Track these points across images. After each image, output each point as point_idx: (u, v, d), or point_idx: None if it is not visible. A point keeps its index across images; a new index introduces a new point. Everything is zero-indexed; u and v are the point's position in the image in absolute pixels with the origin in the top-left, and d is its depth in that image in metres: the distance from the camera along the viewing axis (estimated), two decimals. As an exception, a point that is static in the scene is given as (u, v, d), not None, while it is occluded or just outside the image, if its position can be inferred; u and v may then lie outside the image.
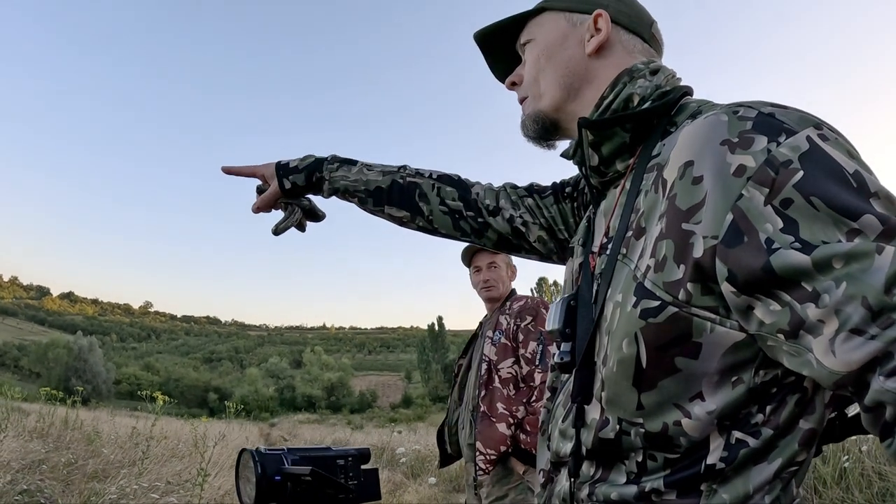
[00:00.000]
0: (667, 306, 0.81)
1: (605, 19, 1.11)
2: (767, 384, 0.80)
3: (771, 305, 0.71)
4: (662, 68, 1.09)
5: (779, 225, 0.70)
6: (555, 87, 1.16)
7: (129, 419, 17.11)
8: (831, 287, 0.65)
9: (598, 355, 0.95)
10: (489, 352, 3.29)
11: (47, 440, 7.34)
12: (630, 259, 0.91)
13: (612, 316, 0.90)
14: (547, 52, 1.18)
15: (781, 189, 0.71)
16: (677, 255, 0.80)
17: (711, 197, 0.76)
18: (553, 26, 1.19)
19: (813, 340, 0.68)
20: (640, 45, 1.15)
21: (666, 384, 0.83)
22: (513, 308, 3.35)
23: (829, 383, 0.68)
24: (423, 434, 19.55)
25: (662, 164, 0.89)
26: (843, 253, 0.65)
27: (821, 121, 0.78)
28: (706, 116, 0.84)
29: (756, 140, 0.75)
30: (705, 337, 0.79)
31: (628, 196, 0.97)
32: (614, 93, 1.06)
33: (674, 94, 1.03)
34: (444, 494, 8.03)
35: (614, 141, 1.04)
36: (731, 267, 0.73)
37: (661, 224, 0.84)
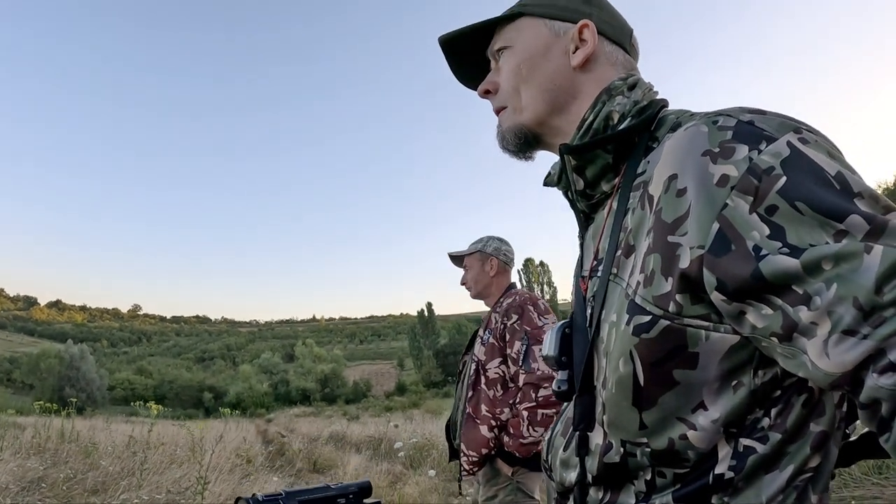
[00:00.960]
0: (658, 320, 0.81)
1: (591, 31, 1.09)
2: (768, 385, 0.79)
3: (763, 310, 0.72)
4: (640, 82, 1.07)
5: (765, 232, 0.71)
6: (538, 101, 1.12)
7: (126, 425, 17.06)
8: (822, 289, 0.66)
9: (597, 379, 0.94)
10: (479, 352, 3.24)
11: (45, 456, 7.34)
12: (621, 278, 0.91)
13: (608, 337, 0.90)
14: (529, 62, 1.13)
15: (766, 196, 0.71)
16: (665, 268, 0.80)
17: (696, 208, 0.77)
18: (534, 34, 1.13)
19: (807, 342, 0.68)
20: (621, 56, 1.13)
21: (666, 399, 0.83)
22: (502, 305, 3.26)
23: (824, 384, 0.69)
24: (419, 422, 19.59)
25: (647, 181, 0.89)
26: (832, 254, 0.66)
27: (800, 124, 0.79)
28: (686, 128, 0.84)
29: (737, 149, 0.76)
30: (701, 346, 0.79)
31: (616, 216, 0.97)
32: (594, 112, 1.04)
33: (652, 109, 1.02)
34: (444, 484, 8.08)
35: (597, 163, 1.03)
36: (720, 276, 0.73)
37: (648, 239, 0.84)
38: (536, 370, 2.92)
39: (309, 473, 10.14)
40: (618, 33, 1.14)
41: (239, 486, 6.66)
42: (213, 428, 19.58)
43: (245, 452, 10.03)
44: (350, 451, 13.06)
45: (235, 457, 9.07)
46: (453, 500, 7.16)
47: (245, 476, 7.51)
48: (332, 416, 45.50)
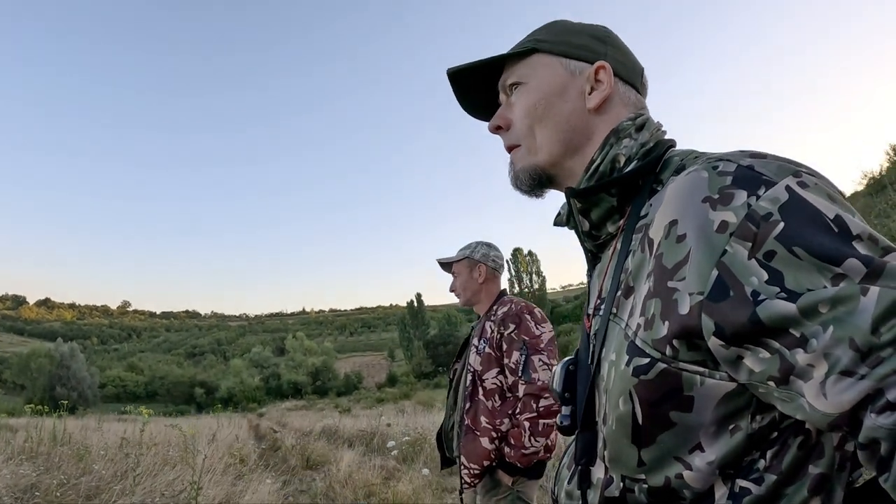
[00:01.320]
0: (656, 363, 0.82)
1: (608, 72, 1.09)
2: (766, 428, 0.79)
3: (760, 354, 0.72)
4: (648, 123, 1.08)
5: (764, 277, 0.71)
6: (553, 143, 1.11)
7: (118, 424, 17.02)
8: (819, 331, 0.67)
9: (598, 415, 0.96)
10: (474, 362, 3.15)
11: (37, 461, 7.30)
12: (620, 318, 0.92)
13: (608, 375, 0.91)
14: (545, 101, 1.11)
15: (764, 242, 0.72)
16: (664, 313, 0.81)
17: (695, 254, 0.77)
18: (550, 73, 1.13)
19: (804, 385, 0.68)
20: (634, 96, 1.13)
21: (664, 438, 0.84)
22: (497, 314, 3.17)
23: (823, 425, 0.69)
24: (411, 415, 19.61)
25: (649, 224, 0.90)
26: (829, 298, 0.67)
27: (799, 168, 0.79)
28: (688, 173, 0.85)
29: (736, 195, 0.76)
30: (696, 390, 0.80)
31: (619, 257, 0.98)
32: (602, 154, 1.05)
33: (657, 151, 1.03)
34: (438, 479, 8.11)
35: (602, 206, 1.04)
36: (718, 321, 0.74)
37: (648, 283, 0.85)
38: (537, 380, 2.89)
39: (302, 470, 10.13)
40: (631, 73, 1.14)
41: (233, 487, 6.67)
42: (206, 425, 19.58)
43: (238, 451, 10.02)
44: (343, 446, 13.06)
45: (229, 456, 9.05)
46: (447, 496, 7.19)
47: (239, 477, 7.51)
48: (323, 409, 45.54)
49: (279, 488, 7.42)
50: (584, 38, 1.13)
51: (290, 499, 7.26)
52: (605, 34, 1.15)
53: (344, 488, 7.52)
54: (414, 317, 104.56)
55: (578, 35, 1.14)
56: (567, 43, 1.13)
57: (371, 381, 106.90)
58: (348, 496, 7.20)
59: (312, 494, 7.58)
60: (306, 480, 9.05)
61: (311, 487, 8.30)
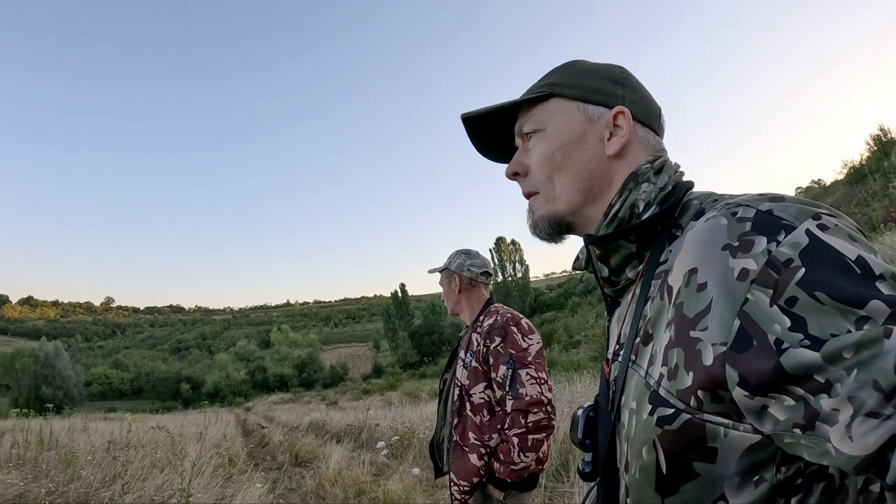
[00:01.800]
0: (680, 413, 0.81)
1: (626, 118, 1.07)
2: (791, 478, 0.77)
3: (785, 401, 0.71)
4: (667, 166, 1.07)
5: (786, 324, 0.70)
6: (573, 191, 1.10)
7: (105, 423, 16.96)
8: (843, 376, 0.65)
9: (619, 462, 0.96)
10: (461, 376, 3.08)
11: (24, 469, 7.27)
12: (639, 366, 0.92)
13: (629, 423, 0.91)
14: (563, 150, 1.10)
15: (785, 288, 0.71)
16: (687, 363, 0.80)
17: (717, 304, 0.77)
18: (568, 119, 1.11)
19: (829, 430, 0.67)
20: (653, 139, 1.12)
21: (687, 489, 0.82)
22: (483, 326, 3.09)
23: (850, 468, 0.67)
24: (398, 407, 19.58)
25: (668, 271, 0.90)
26: (853, 343, 0.65)
27: (819, 210, 0.78)
28: (707, 220, 0.84)
29: (756, 242, 0.76)
30: (720, 441, 0.79)
31: (637, 303, 0.98)
32: (621, 200, 1.04)
33: (676, 195, 1.01)
34: (428, 474, 8.12)
35: (621, 252, 1.04)
36: (742, 371, 0.73)
37: (669, 332, 0.84)
38: (525, 395, 2.81)
39: (291, 468, 10.13)
40: (649, 115, 1.12)
41: (223, 490, 6.64)
42: (193, 421, 19.52)
43: (226, 452, 9.98)
44: (331, 441, 13.06)
45: (217, 455, 9.02)
46: (438, 493, 7.19)
47: (228, 479, 7.48)
48: (310, 401, 45.53)
49: (269, 489, 7.38)
50: (600, 80, 1.11)
51: (281, 500, 7.23)
52: (623, 76, 1.13)
53: (334, 486, 7.50)
54: (398, 307, 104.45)
55: (595, 78, 1.12)
56: (583, 87, 1.11)
57: (357, 372, 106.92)
58: (338, 494, 7.18)
59: (302, 494, 7.55)
60: (295, 478, 9.05)
61: (300, 486, 8.29)
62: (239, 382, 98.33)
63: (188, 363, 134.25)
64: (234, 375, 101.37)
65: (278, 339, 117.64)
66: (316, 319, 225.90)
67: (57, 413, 23.43)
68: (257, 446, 13.97)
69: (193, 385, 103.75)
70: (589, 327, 24.88)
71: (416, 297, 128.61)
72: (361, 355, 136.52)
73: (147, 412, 43.11)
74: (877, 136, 41.25)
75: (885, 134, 41.01)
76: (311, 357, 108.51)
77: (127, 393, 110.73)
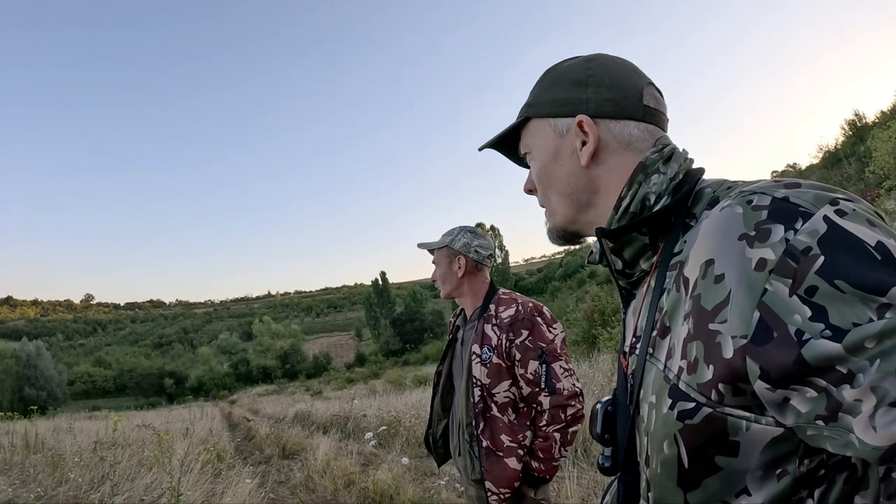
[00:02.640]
0: (701, 407, 0.80)
1: (588, 124, 1.07)
2: (814, 470, 0.77)
3: (807, 393, 0.70)
4: (675, 153, 1.05)
5: (807, 314, 0.69)
6: (564, 206, 1.14)
7: (90, 423, 16.87)
8: (865, 366, 0.65)
9: (639, 456, 0.96)
10: (480, 374, 2.81)
11: (11, 474, 7.24)
12: (657, 359, 0.91)
13: (649, 417, 0.91)
14: (545, 170, 1.15)
15: (804, 278, 0.70)
16: (707, 356, 0.79)
17: (736, 296, 0.75)
18: (543, 140, 1.14)
19: (853, 420, 0.66)
20: (634, 129, 1.08)
21: (710, 482, 0.82)
22: (501, 318, 2.84)
23: (874, 458, 0.66)
24: (382, 396, 19.60)
25: (683, 262, 0.89)
26: (875, 333, 0.65)
27: (837, 195, 0.77)
28: (722, 209, 0.83)
29: (773, 230, 0.74)
30: (741, 435, 0.78)
31: (653, 295, 0.97)
32: (630, 193, 1.03)
33: (688, 184, 1.01)
34: (417, 462, 8.15)
35: (634, 245, 1.03)
36: (763, 364, 0.72)
37: (687, 324, 0.84)
38: (563, 390, 2.71)
39: (279, 460, 10.13)
40: (622, 107, 1.09)
41: (212, 486, 6.64)
42: (178, 417, 19.46)
43: (214, 447, 9.97)
44: (317, 432, 13.07)
45: (205, 451, 9.01)
46: (427, 480, 7.23)
47: (217, 474, 7.47)
48: (294, 392, 45.53)
49: (258, 484, 7.39)
50: (566, 88, 1.12)
51: (271, 494, 7.25)
52: (588, 73, 1.11)
53: (323, 478, 7.49)
54: (379, 295, 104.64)
55: (561, 87, 1.13)
56: (552, 102, 1.13)
57: (340, 361, 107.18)
58: (328, 486, 7.18)
59: (292, 487, 7.55)
60: (284, 471, 9.02)
61: (289, 478, 8.28)
62: (222, 376, 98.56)
63: (171, 358, 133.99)
64: (217, 369, 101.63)
65: (260, 330, 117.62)
66: (297, 310, 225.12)
67: (41, 414, 23.33)
68: (244, 440, 13.93)
69: (177, 380, 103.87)
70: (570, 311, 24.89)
71: (396, 285, 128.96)
72: (344, 344, 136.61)
73: (131, 409, 42.96)
74: (852, 122, 41.77)
75: (860, 119, 41.51)
76: (293, 348, 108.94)
77: (110, 390, 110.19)
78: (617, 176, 1.07)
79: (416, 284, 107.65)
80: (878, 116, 40.32)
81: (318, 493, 7.16)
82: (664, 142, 1.07)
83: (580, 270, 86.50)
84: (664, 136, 1.11)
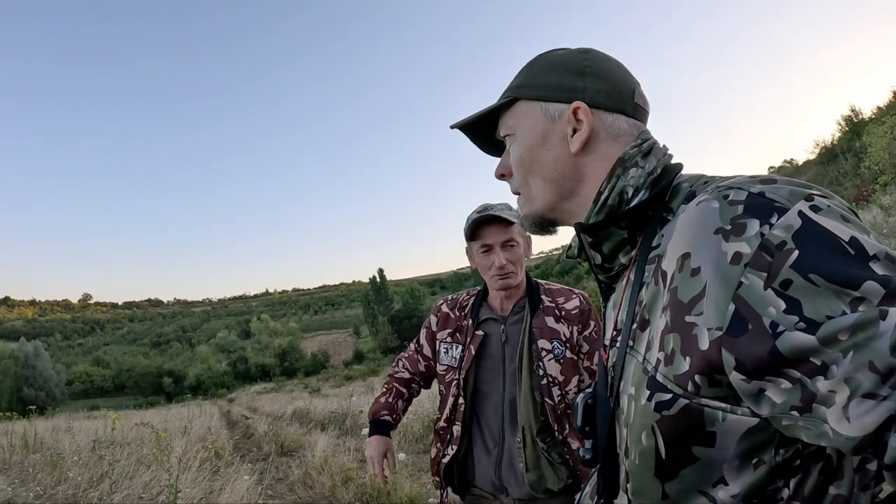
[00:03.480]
0: (678, 398, 0.81)
1: (584, 112, 1.05)
2: (790, 460, 0.78)
3: (782, 384, 0.71)
4: (654, 148, 1.06)
5: (781, 307, 0.70)
6: (545, 192, 1.11)
7: (88, 422, 16.86)
8: (839, 358, 0.66)
9: (619, 447, 0.97)
10: (554, 371, 2.44)
11: (11, 473, 7.26)
12: (637, 351, 0.92)
13: (628, 409, 0.91)
14: (530, 153, 1.11)
15: (779, 271, 0.71)
16: (684, 348, 0.80)
17: (711, 288, 0.76)
18: (531, 122, 1.11)
19: (827, 411, 0.67)
20: (624, 123, 1.08)
21: (687, 473, 0.83)
22: (567, 310, 2.55)
23: (847, 449, 0.67)
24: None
25: (661, 255, 0.90)
26: (849, 325, 0.66)
27: (811, 192, 0.78)
28: (698, 203, 0.84)
29: (748, 225, 0.75)
30: (718, 426, 0.79)
31: (632, 289, 0.98)
32: (609, 186, 1.03)
33: (666, 178, 1.02)
34: (414, 458, 8.18)
35: (612, 239, 1.04)
36: (738, 356, 0.73)
37: (665, 317, 0.84)
38: None
39: (278, 457, 10.14)
40: (616, 100, 1.09)
41: (211, 484, 6.66)
42: (177, 415, 19.46)
43: (212, 444, 9.99)
44: (315, 429, 13.09)
45: (203, 449, 9.03)
46: (424, 476, 7.25)
47: (215, 471, 7.49)
48: (293, 390, 45.39)
49: (257, 481, 7.41)
50: (560, 75, 1.10)
51: (269, 491, 7.28)
52: (584, 63, 1.11)
53: (321, 475, 7.49)
54: (377, 292, 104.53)
55: (555, 73, 1.11)
56: (544, 86, 1.11)
57: (338, 358, 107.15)
58: (326, 483, 7.19)
59: (290, 483, 7.57)
60: (282, 468, 9.01)
61: (287, 475, 8.28)
62: (221, 374, 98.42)
63: (169, 357, 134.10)
64: (215, 367, 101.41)
65: (258, 328, 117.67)
66: (295, 307, 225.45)
67: (40, 414, 23.32)
68: (242, 437, 13.91)
69: (175, 379, 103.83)
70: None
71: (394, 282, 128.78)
72: (342, 342, 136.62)
73: (130, 408, 42.85)
74: (848, 117, 41.79)
75: (856, 115, 41.52)
76: (291, 345, 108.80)
77: (109, 390, 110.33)
78: (604, 166, 1.07)
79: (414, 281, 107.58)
80: (874, 112, 40.39)
81: (315, 490, 7.18)
82: (644, 136, 1.08)
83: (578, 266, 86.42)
84: (646, 130, 1.12)
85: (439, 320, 2.74)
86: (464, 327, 2.64)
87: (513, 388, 2.50)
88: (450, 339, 2.65)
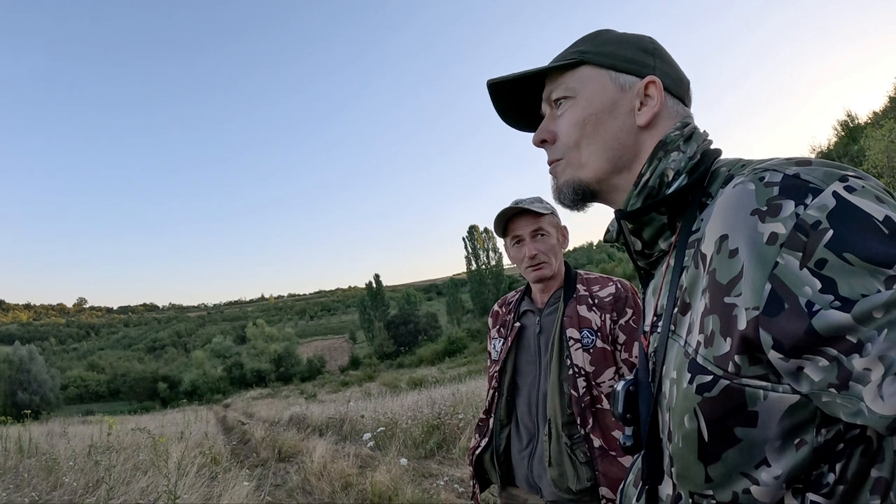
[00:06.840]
0: (719, 380, 0.82)
1: (658, 88, 1.07)
2: (832, 441, 0.78)
3: (819, 362, 0.71)
4: (695, 133, 1.07)
5: (817, 286, 0.71)
6: (600, 159, 1.10)
7: (84, 427, 16.81)
8: (874, 336, 0.66)
9: (662, 432, 0.97)
10: (582, 361, 2.36)
11: (6, 478, 7.18)
12: (679, 335, 0.93)
13: (670, 393, 0.92)
14: (594, 117, 1.09)
15: (814, 251, 0.72)
16: (723, 329, 0.81)
17: (748, 269, 0.77)
18: (600, 87, 1.10)
19: (862, 389, 0.68)
20: (682, 109, 1.12)
21: (730, 455, 0.84)
22: (600, 297, 2.48)
23: (882, 428, 0.68)
24: (377, 399, 19.57)
25: (700, 239, 0.91)
26: (883, 303, 0.66)
27: (846, 173, 0.79)
28: (735, 186, 0.85)
29: (784, 205, 0.76)
30: (760, 405, 0.79)
31: (673, 273, 0.99)
32: (650, 169, 1.04)
33: (705, 164, 1.02)
34: (416, 464, 8.12)
35: (653, 225, 1.05)
36: (776, 335, 0.74)
37: (704, 299, 0.86)
38: None
39: (276, 463, 10.08)
40: (678, 86, 1.12)
41: (209, 490, 6.59)
42: (172, 421, 19.40)
43: (209, 450, 9.93)
44: (313, 434, 13.05)
45: (200, 455, 8.96)
46: (426, 482, 7.19)
47: (213, 477, 7.43)
48: (289, 395, 45.55)
49: (255, 486, 7.33)
50: (631, 50, 1.11)
51: (269, 498, 7.19)
52: (654, 46, 1.13)
53: (320, 480, 7.46)
54: (373, 298, 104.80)
55: (626, 47, 1.12)
56: (614, 55, 1.11)
57: (334, 364, 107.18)
58: (325, 488, 7.14)
59: (289, 489, 7.52)
60: (280, 474, 8.99)
61: (286, 481, 8.23)
62: (216, 379, 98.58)
63: (164, 362, 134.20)
64: (211, 373, 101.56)
65: (254, 334, 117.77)
66: (291, 313, 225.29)
67: (34, 419, 23.27)
68: (239, 443, 13.90)
69: (171, 384, 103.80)
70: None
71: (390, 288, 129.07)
72: (338, 347, 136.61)
73: (125, 413, 42.95)
74: (844, 122, 41.99)
75: (852, 120, 41.74)
76: (287, 351, 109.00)
77: (104, 395, 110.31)
78: None
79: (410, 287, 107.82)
80: (871, 117, 40.65)
81: (315, 496, 7.13)
82: (686, 121, 1.09)
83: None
84: (689, 115, 1.13)
85: (493, 320, 2.78)
86: (507, 322, 2.67)
87: (546, 380, 2.47)
88: (496, 335, 2.69)
